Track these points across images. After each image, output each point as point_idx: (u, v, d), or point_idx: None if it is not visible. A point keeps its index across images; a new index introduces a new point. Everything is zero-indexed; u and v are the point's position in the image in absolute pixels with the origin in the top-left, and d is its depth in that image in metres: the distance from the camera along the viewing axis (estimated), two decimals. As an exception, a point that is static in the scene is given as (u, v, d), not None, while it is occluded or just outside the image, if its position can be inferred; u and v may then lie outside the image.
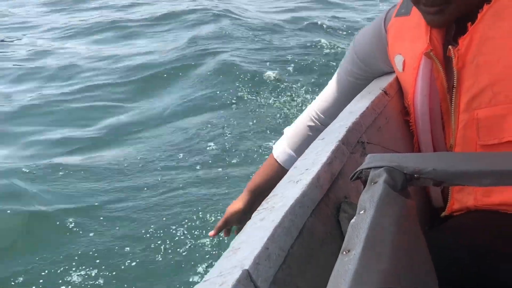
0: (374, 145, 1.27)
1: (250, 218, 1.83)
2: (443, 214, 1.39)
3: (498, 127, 1.24)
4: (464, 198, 1.34)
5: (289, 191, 0.92)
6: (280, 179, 1.82)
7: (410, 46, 1.39)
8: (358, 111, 1.29)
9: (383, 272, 0.67)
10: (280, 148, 1.78)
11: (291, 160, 1.72)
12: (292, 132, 1.77)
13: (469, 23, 1.24)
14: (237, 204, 1.80)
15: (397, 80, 1.51)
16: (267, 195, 1.93)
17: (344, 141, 1.12)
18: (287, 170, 1.72)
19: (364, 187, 0.88)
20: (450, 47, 1.27)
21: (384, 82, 1.50)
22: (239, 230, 1.85)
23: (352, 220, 0.77)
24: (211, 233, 1.84)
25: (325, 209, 0.96)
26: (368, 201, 0.80)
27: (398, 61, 1.44)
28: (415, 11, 1.40)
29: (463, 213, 1.35)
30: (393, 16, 1.48)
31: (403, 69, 1.43)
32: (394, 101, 1.47)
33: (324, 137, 1.18)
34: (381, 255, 0.69)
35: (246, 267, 0.70)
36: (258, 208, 0.92)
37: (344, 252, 0.69)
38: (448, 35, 1.34)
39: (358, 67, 1.61)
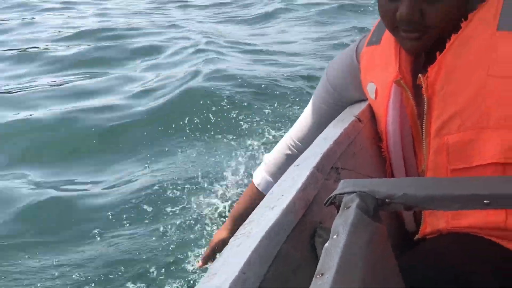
0: (348, 171, 1.30)
1: None
2: (416, 237, 1.42)
3: (467, 152, 1.28)
4: (436, 222, 1.37)
5: (264, 217, 0.94)
6: None
7: (381, 74, 1.44)
8: (332, 138, 1.32)
9: None
10: (260, 176, 1.82)
11: (271, 187, 1.76)
12: (271, 159, 1.81)
13: (438, 52, 1.29)
14: (221, 233, 1.84)
15: (370, 107, 1.55)
16: None
17: (319, 168, 1.15)
18: None
19: (338, 212, 0.91)
20: (420, 75, 1.32)
21: (357, 109, 1.54)
22: None
23: (326, 245, 0.80)
24: (199, 264, 1.86)
25: (300, 234, 0.98)
26: (341, 225, 0.83)
27: (370, 89, 1.49)
28: (385, 40, 1.45)
29: (435, 236, 1.39)
30: (365, 45, 1.53)
31: (376, 97, 1.47)
32: (367, 128, 1.51)
33: (299, 163, 1.21)
34: (354, 278, 0.72)
35: None
36: (235, 234, 0.94)
37: (318, 276, 0.72)
38: (418, 64, 1.39)
39: (331, 95, 1.65)
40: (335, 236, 0.80)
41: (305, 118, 1.75)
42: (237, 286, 0.75)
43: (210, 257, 1.84)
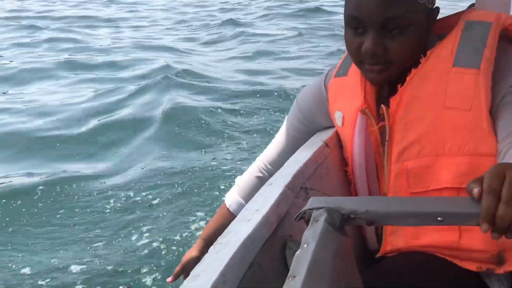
0: (316, 191, 1.40)
1: None
2: (377, 255, 1.53)
3: (425, 177, 1.39)
4: (396, 241, 1.46)
5: (241, 229, 1.04)
6: None
7: (348, 104, 1.55)
8: (302, 160, 1.43)
9: None
10: (232, 198, 1.89)
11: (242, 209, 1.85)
12: (243, 182, 1.89)
13: (399, 85, 1.41)
14: (192, 252, 1.89)
15: (337, 133, 1.66)
16: None
17: (290, 187, 1.26)
18: None
19: (307, 225, 1.01)
20: (382, 105, 1.44)
21: (325, 136, 1.65)
22: None
23: (297, 252, 0.89)
24: (169, 279, 1.92)
25: (272, 245, 1.08)
26: (311, 236, 0.93)
27: (337, 117, 1.60)
28: (351, 72, 1.57)
29: (395, 255, 1.49)
30: (332, 76, 1.65)
31: (342, 124, 1.58)
32: (334, 153, 1.62)
33: (272, 182, 1.31)
34: (322, 281, 0.82)
35: None
36: (214, 243, 1.03)
37: (290, 278, 0.81)
38: (381, 95, 1.51)
39: (301, 123, 1.76)
40: (305, 246, 0.90)
41: (276, 143, 1.84)
42: (219, 285, 0.84)
43: (180, 274, 1.89)
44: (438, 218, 0.97)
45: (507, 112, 1.30)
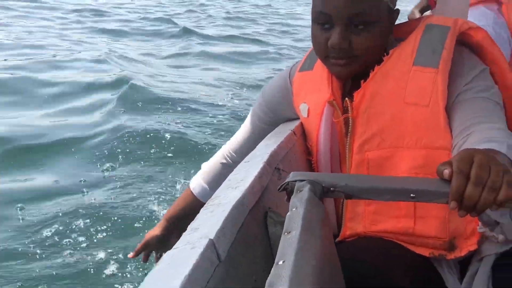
0: (287, 174, 1.48)
1: (168, 245, 1.96)
2: (337, 240, 1.61)
3: (385, 166, 1.49)
4: (355, 226, 1.55)
5: (230, 194, 1.11)
6: (195, 209, 2.00)
7: (314, 96, 1.63)
8: (274, 144, 1.51)
9: (317, 250, 0.88)
10: (197, 182, 1.95)
11: (205, 192, 1.91)
12: (208, 167, 1.95)
13: (362, 80, 1.51)
14: (156, 230, 1.95)
15: (301, 124, 1.75)
16: (183, 224, 2.08)
17: (268, 163, 1.34)
18: (202, 202, 1.91)
19: (288, 197, 1.09)
20: (346, 99, 1.54)
21: (292, 125, 1.73)
22: (158, 256, 2.01)
23: (288, 213, 0.97)
24: (130, 254, 1.94)
25: (257, 212, 1.15)
26: (298, 202, 1.01)
27: (303, 109, 1.68)
28: (317, 67, 1.66)
29: (353, 239, 1.57)
30: (297, 70, 1.74)
31: (308, 115, 1.67)
32: (300, 142, 1.70)
33: (249, 160, 1.38)
34: (314, 235, 0.90)
35: (211, 237, 0.87)
36: (205, 205, 1.09)
37: (286, 233, 0.89)
38: (345, 90, 1.61)
39: (266, 114, 1.84)
40: (294, 209, 0.98)
41: (242, 132, 1.91)
42: (220, 235, 0.90)
43: (141, 251, 1.94)
44: (411, 195, 1.07)
45: (461, 110, 1.42)
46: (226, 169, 1.88)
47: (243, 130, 1.92)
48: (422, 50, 1.48)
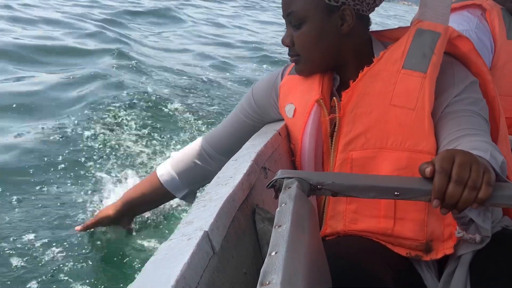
0: (273, 173, 1.53)
1: (117, 227, 1.95)
2: None
3: (368, 166, 1.52)
4: (335, 224, 1.58)
5: (221, 190, 1.14)
6: (158, 197, 2.04)
7: (302, 96, 1.67)
8: (260, 144, 1.55)
9: (306, 243, 0.92)
10: (165, 169, 1.94)
11: (173, 182, 1.91)
12: (180, 157, 1.95)
13: (351, 81, 1.55)
14: (109, 210, 1.94)
15: (285, 126, 1.79)
16: (139, 210, 2.08)
17: (256, 162, 1.38)
18: (167, 190, 1.93)
19: (276, 194, 1.13)
20: (334, 98, 1.58)
21: (276, 126, 1.77)
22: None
23: (278, 210, 1.01)
24: (78, 227, 1.93)
25: (246, 208, 1.19)
26: (287, 198, 1.05)
27: (288, 109, 1.71)
28: None
29: (333, 238, 1.61)
30: (286, 74, 1.78)
31: (293, 116, 1.70)
32: (284, 142, 1.74)
33: (237, 158, 1.42)
34: (304, 228, 0.94)
35: (206, 229, 0.91)
36: (197, 200, 1.12)
37: (277, 227, 0.93)
38: (334, 91, 1.66)
39: (253, 110, 1.87)
40: (283, 205, 1.02)
41: (224, 126, 1.94)
42: (214, 228, 0.94)
43: (91, 227, 1.94)
44: (395, 193, 1.12)
45: (449, 121, 1.46)
46: (201, 161, 1.89)
47: (225, 124, 1.94)
48: (412, 54, 1.52)
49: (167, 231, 2.41)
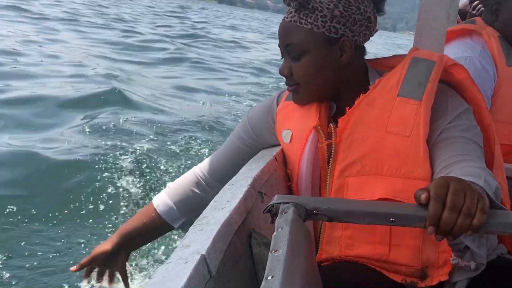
0: (269, 198, 1.53)
1: (113, 263, 1.92)
2: None
3: (364, 192, 1.52)
4: (331, 250, 1.58)
5: (217, 214, 1.15)
6: (154, 229, 2.01)
7: (299, 123, 1.69)
8: (257, 168, 1.56)
9: (302, 267, 0.93)
10: (161, 199, 1.91)
11: (170, 211, 1.89)
12: (176, 187, 1.93)
13: (347, 107, 1.57)
14: (105, 246, 1.88)
15: (282, 151, 1.80)
16: (136, 243, 2.04)
17: (252, 187, 1.39)
18: (163, 221, 1.91)
19: (272, 219, 1.14)
20: (331, 124, 1.60)
21: (273, 151, 1.79)
22: (99, 274, 1.92)
23: (274, 234, 1.01)
24: (73, 268, 1.87)
25: (242, 232, 1.20)
26: (284, 223, 1.05)
27: (285, 135, 1.73)
28: None
29: (329, 263, 1.60)
30: (283, 100, 1.80)
31: (290, 141, 1.71)
32: (281, 167, 1.76)
33: (233, 183, 1.43)
34: (300, 252, 0.95)
35: (203, 253, 0.92)
36: (193, 224, 1.13)
37: (273, 251, 0.94)
38: (331, 115, 1.67)
39: (249, 136, 1.88)
40: (280, 229, 1.03)
41: (220, 153, 1.93)
42: (211, 251, 0.95)
43: (87, 265, 1.87)
44: (391, 219, 1.13)
45: (444, 148, 1.48)
46: (198, 190, 1.88)
47: (222, 151, 1.94)
48: (407, 82, 1.54)
49: (163, 256, 2.41)
